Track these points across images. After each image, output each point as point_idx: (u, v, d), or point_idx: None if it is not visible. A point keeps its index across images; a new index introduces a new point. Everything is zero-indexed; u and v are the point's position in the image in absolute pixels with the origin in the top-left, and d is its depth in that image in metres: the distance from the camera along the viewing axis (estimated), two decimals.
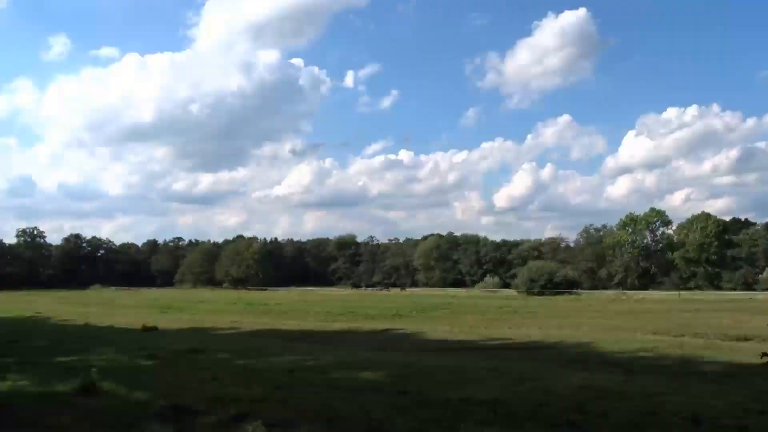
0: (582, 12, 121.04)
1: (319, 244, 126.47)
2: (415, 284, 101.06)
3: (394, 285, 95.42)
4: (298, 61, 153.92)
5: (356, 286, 79.43)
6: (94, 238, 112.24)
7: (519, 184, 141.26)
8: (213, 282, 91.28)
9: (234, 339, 14.94)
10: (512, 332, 17.49)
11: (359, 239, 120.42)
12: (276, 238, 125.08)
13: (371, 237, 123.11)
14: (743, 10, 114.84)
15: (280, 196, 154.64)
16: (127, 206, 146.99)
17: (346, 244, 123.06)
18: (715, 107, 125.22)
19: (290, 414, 5.28)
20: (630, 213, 73.18)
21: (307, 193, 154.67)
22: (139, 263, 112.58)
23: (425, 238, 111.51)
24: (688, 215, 70.13)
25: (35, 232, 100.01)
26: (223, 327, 19.81)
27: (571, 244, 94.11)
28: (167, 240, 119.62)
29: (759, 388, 7.30)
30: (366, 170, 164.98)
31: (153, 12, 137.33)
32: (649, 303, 36.48)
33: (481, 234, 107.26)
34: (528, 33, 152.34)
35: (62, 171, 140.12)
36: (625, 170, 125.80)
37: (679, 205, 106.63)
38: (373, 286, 77.93)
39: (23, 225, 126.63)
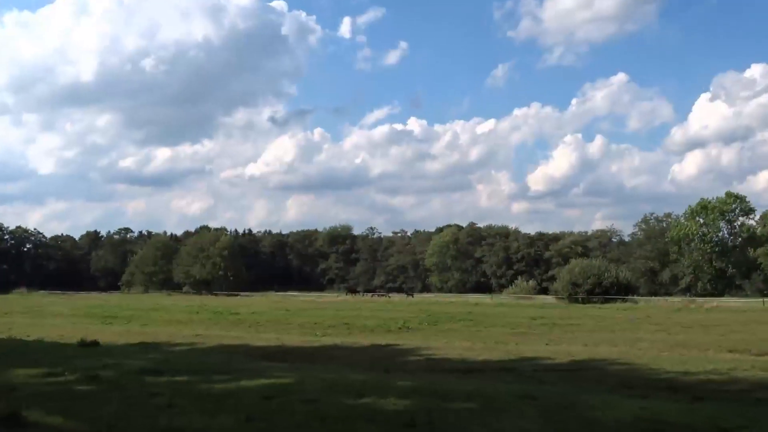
0: None
1: (305, 237, 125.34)
2: (426, 289, 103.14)
3: (399, 290, 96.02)
4: (280, 5, 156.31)
5: (352, 291, 79.67)
6: (18, 228, 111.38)
7: (560, 161, 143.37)
8: (170, 285, 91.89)
9: (196, 356, 15.11)
10: (550, 350, 17.64)
11: (356, 231, 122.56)
12: (250, 230, 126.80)
13: (371, 229, 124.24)
14: None
15: (256, 176, 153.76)
16: (62, 189, 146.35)
17: (340, 237, 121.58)
18: None
19: None
20: (702, 199, 72.54)
21: (290, 173, 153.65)
22: (77, 261, 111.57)
23: (440, 230, 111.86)
24: None
25: None
26: (183, 342, 20.05)
27: (626, 238, 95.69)
28: (112, 232, 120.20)
29: None
30: (366, 144, 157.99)
31: None
32: (725, 313, 36.56)
33: (512, 225, 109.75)
34: None
35: None
36: (696, 144, 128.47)
37: (765, 189, 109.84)
38: (373, 291, 78.35)
39: None
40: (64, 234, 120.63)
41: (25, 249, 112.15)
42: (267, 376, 10.05)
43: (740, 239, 68.95)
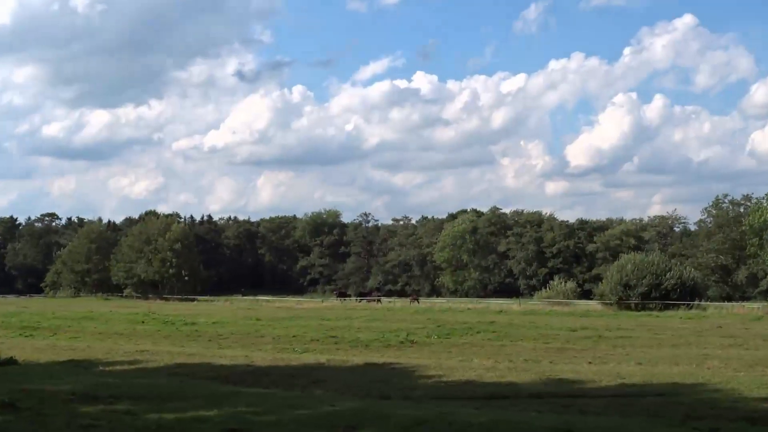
0: None
1: (282, 226, 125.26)
2: (436, 292, 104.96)
3: (402, 293, 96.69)
4: None
5: (341, 294, 79.61)
6: None
7: (608, 128, 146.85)
8: (108, 287, 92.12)
9: (142, 379, 15.28)
10: (594, 370, 17.73)
11: (346, 219, 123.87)
12: (210, 217, 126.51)
13: (366, 215, 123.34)
14: None
15: (219, 147, 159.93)
16: None
17: (326, 226, 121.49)
18: None
19: None
20: None
21: (262, 144, 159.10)
22: None
23: (453, 216, 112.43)
24: None
25: None
26: (124, 360, 20.19)
27: (692, 227, 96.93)
28: (33, 218, 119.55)
29: None
30: (359, 106, 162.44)
31: None
32: None
33: (546, 211, 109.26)
34: None
35: None
36: None
37: None
38: (367, 294, 77.67)
39: None
40: None
41: None
42: (231, 404, 10.09)
43: None
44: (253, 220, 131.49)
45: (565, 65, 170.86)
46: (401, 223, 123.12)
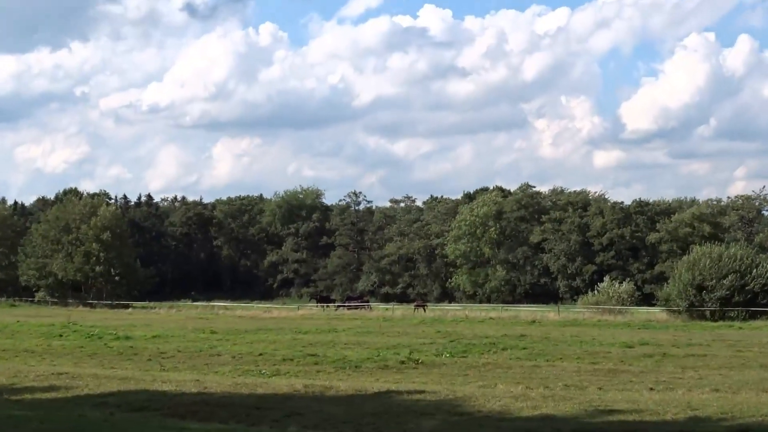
0: None
1: (245, 209, 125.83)
2: (448, 296, 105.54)
3: (403, 298, 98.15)
4: None
5: (323, 299, 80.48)
6: None
7: (677, 80, 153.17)
8: (14, 289, 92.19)
9: (59, 412, 15.02)
10: (657, 399, 17.67)
11: (330, 199, 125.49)
12: (150, 197, 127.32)
13: (355, 195, 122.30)
14: None
15: (161, 106, 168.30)
16: None
17: (303, 209, 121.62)
18: None
19: None
20: None
21: (219, 100, 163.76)
22: None
23: (471, 197, 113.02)
24: None
25: None
26: (36, 386, 20.16)
27: None
28: None
29: None
30: (347, 51, 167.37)
31: None
32: None
33: (594, 189, 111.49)
34: None
35: None
36: None
37: None
38: (357, 299, 78.97)
39: None
40: None
41: None
42: None
43: None
44: (206, 201, 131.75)
45: None
46: (402, 205, 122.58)
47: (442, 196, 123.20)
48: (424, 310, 68.14)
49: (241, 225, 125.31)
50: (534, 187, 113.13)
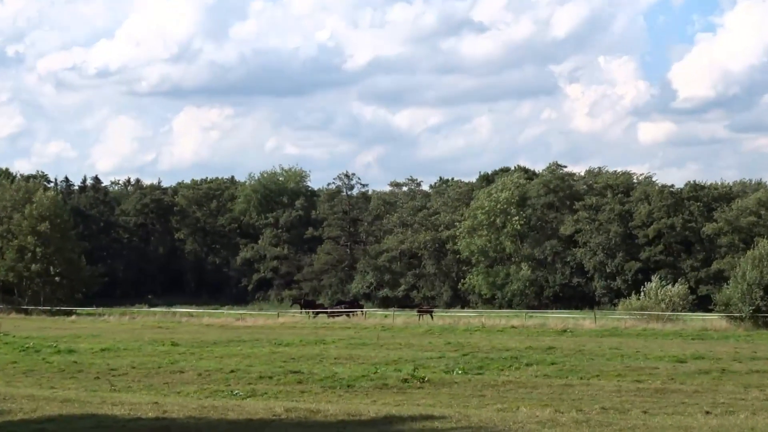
0: None
1: (213, 195, 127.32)
2: (461, 301, 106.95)
3: (405, 303, 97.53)
4: None
5: (308, 304, 79.84)
6: None
7: (739, 37, 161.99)
8: None
9: None
10: (715, 425, 17.56)
11: (317, 182, 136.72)
12: (98, 180, 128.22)
13: (348, 177, 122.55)
14: None
15: (113, 68, 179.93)
16: None
17: (285, 196, 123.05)
18: None
19: None
20: None
21: (182, 62, 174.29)
22: None
23: (489, 179, 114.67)
24: None
25: None
26: None
27: None
28: None
29: None
30: (340, 1, 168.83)
31: None
32: None
33: (638, 169, 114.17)
34: None
35: None
36: None
37: None
38: (349, 304, 79.35)
39: None
40: None
41: None
42: None
43: None
44: (166, 185, 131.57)
45: None
46: (405, 190, 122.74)
47: (453, 179, 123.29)
48: (431, 317, 68.12)
49: (209, 214, 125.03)
50: (565, 167, 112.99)
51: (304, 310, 74.20)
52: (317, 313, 71.96)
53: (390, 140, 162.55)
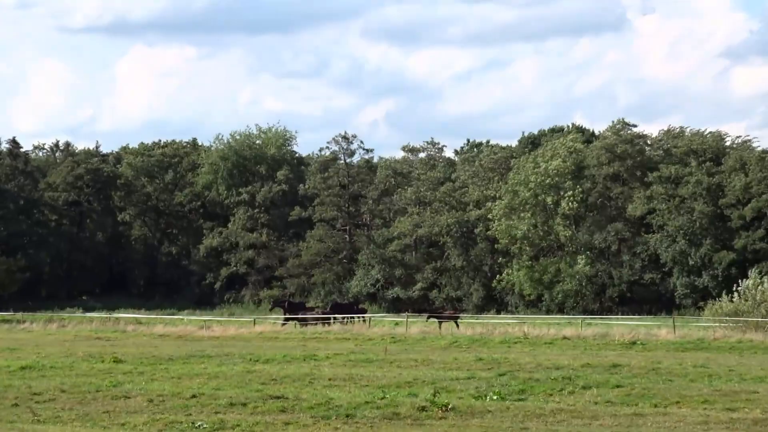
0: None
1: (168, 162, 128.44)
2: (497, 304, 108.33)
3: (423, 307, 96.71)
4: None
5: (293, 306, 79.90)
6: None
7: None
8: None
9: None
10: None
11: (305, 146, 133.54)
12: (15, 144, 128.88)
13: (347, 140, 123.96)
14: None
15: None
16: None
17: (261, 162, 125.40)
18: None
19: None
20: None
21: None
22: None
23: (532, 143, 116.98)
24: None
25: None
26: None
27: None
28: None
29: None
30: None
31: None
32: None
33: (730, 129, 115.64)
34: None
35: None
36: None
37: None
38: (350, 308, 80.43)
39: None
40: None
41: None
42: None
43: None
44: (107, 150, 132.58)
45: None
46: (423, 156, 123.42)
47: (487, 142, 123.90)
48: (457, 325, 68.16)
49: (163, 189, 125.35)
50: (635, 126, 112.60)
51: (287, 316, 74.09)
52: (290, 320, 72.27)
53: (403, 91, 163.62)
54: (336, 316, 73.01)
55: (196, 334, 61.96)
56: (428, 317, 73.00)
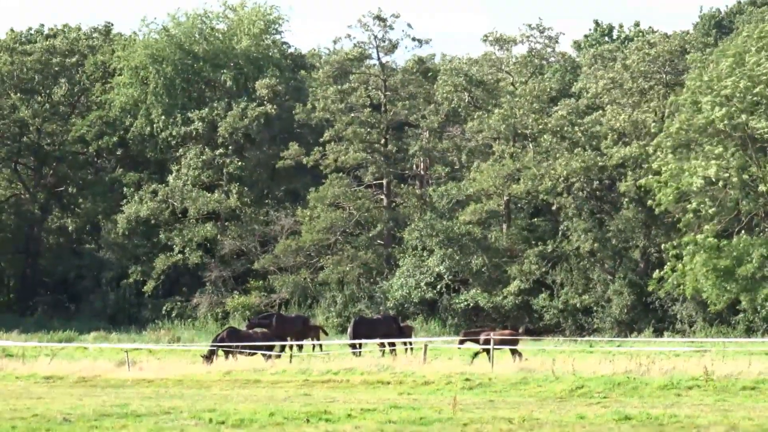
0: None
1: (62, 65, 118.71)
2: (657, 317, 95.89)
3: (529, 324, 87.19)
4: None
5: (284, 324, 70.23)
6: None
7: None
8: None
9: None
10: None
11: (303, 39, 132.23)
12: None
13: (382, 20, 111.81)
14: None
15: None
16: None
17: (224, 62, 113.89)
18: None
19: None
20: None
21: None
22: None
23: (718, 27, 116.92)
24: None
25: None
26: None
27: None
28: None
29: None
30: None
31: None
32: None
33: None
34: None
35: None
36: None
37: None
38: (385, 323, 68.87)
39: None
40: None
41: None
42: None
43: None
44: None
45: None
46: (520, 52, 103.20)
47: (636, 25, 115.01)
48: (519, 355, 58.31)
49: (50, 113, 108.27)
50: None
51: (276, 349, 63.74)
52: (241, 347, 60.54)
53: None
54: (357, 341, 62.42)
55: (112, 375, 53.03)
56: (461, 341, 63.72)
